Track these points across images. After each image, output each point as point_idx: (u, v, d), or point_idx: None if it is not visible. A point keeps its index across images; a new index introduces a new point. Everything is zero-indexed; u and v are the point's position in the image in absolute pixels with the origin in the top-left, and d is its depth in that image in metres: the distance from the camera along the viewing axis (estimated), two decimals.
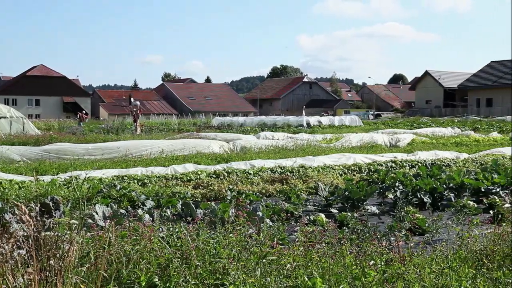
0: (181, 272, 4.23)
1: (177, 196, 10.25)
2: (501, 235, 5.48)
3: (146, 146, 18.98)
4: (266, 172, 13.38)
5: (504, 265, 4.89)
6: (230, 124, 46.19)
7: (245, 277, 4.14)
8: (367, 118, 71.38)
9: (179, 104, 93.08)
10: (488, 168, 13.16)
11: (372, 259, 4.74)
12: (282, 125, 44.92)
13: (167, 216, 7.76)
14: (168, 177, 12.53)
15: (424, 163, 15.31)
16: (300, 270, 4.36)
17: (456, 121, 49.92)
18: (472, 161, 16.13)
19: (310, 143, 22.99)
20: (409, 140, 25.10)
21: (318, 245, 5.16)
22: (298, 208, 9.09)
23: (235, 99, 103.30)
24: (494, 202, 9.47)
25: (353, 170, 14.34)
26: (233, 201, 9.49)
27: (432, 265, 4.49)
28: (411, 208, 8.76)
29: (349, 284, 4.21)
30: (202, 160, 16.26)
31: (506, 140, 26.59)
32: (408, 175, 11.67)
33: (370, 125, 46.69)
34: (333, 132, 34.04)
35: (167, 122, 51.80)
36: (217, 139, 24.65)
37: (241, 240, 4.81)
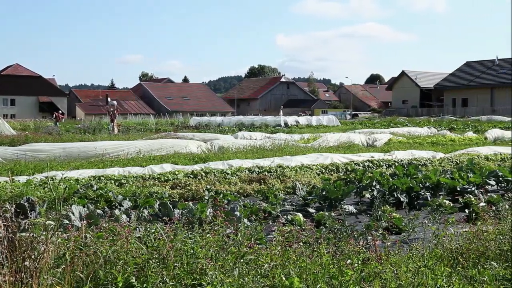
0: (158, 273, 4.21)
1: (155, 196, 10.21)
2: (476, 234, 5.53)
3: (123, 146, 18.88)
4: (244, 172, 13.38)
5: (479, 264, 4.94)
6: (208, 124, 46.09)
7: (223, 277, 4.14)
8: (344, 118, 71.69)
9: (157, 104, 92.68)
10: (463, 167, 13.30)
11: (349, 258, 4.76)
12: (260, 125, 44.93)
13: (144, 216, 7.72)
14: (146, 177, 12.48)
15: (400, 163, 15.42)
16: (278, 270, 4.36)
17: (432, 121, 50.33)
18: (448, 160, 16.28)
19: (287, 143, 23.03)
20: (386, 139, 25.25)
21: (296, 244, 5.17)
22: (276, 207, 9.10)
23: (212, 99, 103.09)
24: (469, 201, 9.57)
25: (330, 169, 14.39)
26: (211, 201, 9.49)
27: (408, 264, 4.52)
28: (388, 207, 8.82)
29: (326, 283, 4.22)
30: (179, 160, 16.22)
31: (481, 139, 26.88)
32: (385, 175, 11.74)
33: (348, 125, 46.90)
34: (310, 132, 34.12)
35: (144, 122, 51.54)
36: (194, 139, 24.60)
37: (219, 240, 4.80)
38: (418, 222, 7.55)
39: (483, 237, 5.46)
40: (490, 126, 37.40)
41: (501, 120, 48.35)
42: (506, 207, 6.68)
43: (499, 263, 4.86)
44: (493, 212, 7.87)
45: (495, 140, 27.11)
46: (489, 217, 7.12)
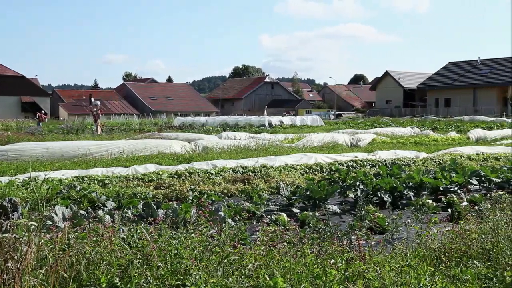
0: (142, 273, 4.20)
1: (138, 196, 10.18)
2: (458, 233, 5.57)
3: (107, 146, 18.78)
4: (228, 172, 13.37)
5: (462, 263, 4.97)
6: (192, 124, 46.00)
7: (207, 277, 4.14)
8: (328, 118, 71.86)
9: (141, 104, 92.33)
10: (446, 167, 13.38)
11: (333, 258, 4.77)
12: (244, 125, 44.91)
13: (128, 217, 7.69)
14: (129, 178, 12.43)
15: (384, 163, 15.49)
16: (262, 270, 4.37)
17: (415, 121, 50.61)
18: (431, 160, 16.37)
19: (272, 143, 23.05)
20: (369, 139, 25.35)
21: (280, 244, 5.17)
22: (260, 208, 9.10)
23: (197, 99, 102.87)
24: (452, 200, 9.63)
25: (314, 169, 14.42)
26: (195, 201, 9.47)
27: (391, 263, 4.55)
28: (371, 207, 8.85)
29: (310, 283, 4.23)
30: (163, 161, 16.17)
31: (463, 139, 27.07)
32: (368, 175, 11.78)
33: (331, 125, 47.03)
34: (294, 132, 34.17)
35: (128, 122, 51.32)
36: (178, 139, 24.53)
37: (203, 241, 4.79)
38: (401, 221, 7.59)
39: (466, 236, 5.50)
40: (472, 126, 37.67)
41: (484, 120, 48.74)
42: (488, 206, 6.73)
43: (482, 262, 4.90)
44: (475, 212, 7.94)
45: (477, 140, 27.32)
46: (471, 216, 7.17)
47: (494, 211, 6.20)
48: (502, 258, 4.89)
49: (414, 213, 7.64)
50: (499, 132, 31.05)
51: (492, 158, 17.30)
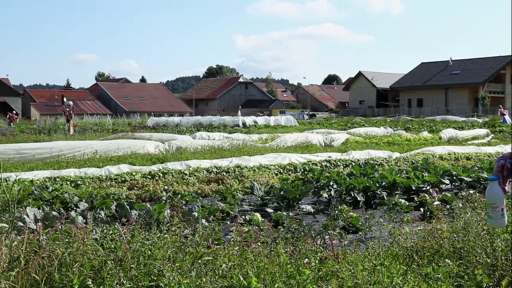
0: (115, 275, 4.17)
1: (112, 197, 10.11)
2: (430, 232, 5.62)
3: (80, 146, 18.60)
4: (202, 172, 13.34)
5: (434, 261, 5.02)
6: (166, 124, 45.81)
7: (180, 278, 4.12)
8: (302, 118, 72.09)
9: (114, 104, 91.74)
10: (419, 166, 13.50)
11: (307, 257, 4.79)
12: (218, 125, 44.86)
13: (101, 217, 7.64)
14: (102, 178, 12.34)
15: (357, 162, 15.58)
16: (236, 270, 4.36)
17: (388, 121, 51.02)
18: (403, 160, 16.50)
19: (246, 143, 23.05)
20: (343, 139, 25.48)
21: (254, 244, 5.17)
22: (234, 208, 9.10)
23: (170, 99, 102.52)
24: (424, 199, 9.72)
25: (288, 169, 14.46)
26: (169, 201, 9.43)
27: (365, 262, 4.57)
28: (345, 207, 8.90)
29: (284, 282, 4.24)
30: (137, 161, 16.08)
31: (435, 139, 27.35)
32: (342, 174, 11.84)
33: (305, 125, 47.18)
34: (268, 132, 34.21)
35: (101, 122, 50.98)
36: (152, 139, 24.40)
37: (177, 241, 4.78)
38: (374, 221, 7.64)
39: (438, 235, 5.55)
40: (444, 126, 38.09)
41: (455, 120, 49.32)
42: (460, 205, 6.81)
43: (453, 260, 4.95)
44: (447, 211, 8.02)
45: (449, 140, 27.62)
46: (443, 215, 7.24)
47: (465, 210, 6.27)
48: (473, 257, 4.95)
49: (387, 213, 7.69)
50: (470, 132, 31.43)
51: (463, 157, 17.51)
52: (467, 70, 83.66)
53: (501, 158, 3.22)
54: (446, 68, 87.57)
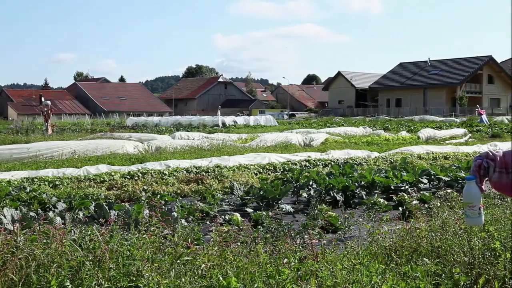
0: (93, 275, 4.14)
1: (90, 197, 10.04)
2: (409, 231, 5.66)
3: (58, 146, 18.46)
4: (182, 172, 13.31)
5: (412, 260, 5.06)
6: (145, 124, 45.63)
7: (160, 278, 4.11)
8: (281, 118, 72.19)
9: (92, 104, 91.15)
10: (397, 166, 13.58)
11: (286, 257, 4.79)
12: (198, 125, 44.77)
13: (79, 218, 7.58)
14: (81, 179, 12.25)
15: (337, 162, 15.63)
16: (215, 270, 4.36)
17: (367, 121, 51.29)
18: (382, 159, 16.59)
19: (225, 143, 23.04)
20: (322, 139, 25.56)
21: (233, 244, 5.17)
22: (213, 208, 9.09)
23: (150, 99, 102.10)
24: (403, 199, 9.78)
25: (268, 169, 14.47)
26: (148, 202, 9.39)
27: (344, 262, 4.59)
28: (324, 206, 8.92)
29: (263, 282, 4.24)
30: (116, 161, 16.00)
31: (414, 139, 27.54)
32: (321, 174, 11.88)
33: (285, 124, 47.26)
34: (248, 131, 34.22)
35: (79, 122, 50.61)
36: (131, 139, 24.30)
37: (156, 241, 4.76)
38: (353, 220, 7.68)
39: (416, 234, 5.59)
40: (422, 126, 38.36)
41: (433, 120, 49.69)
42: (438, 204, 6.87)
43: (431, 259, 4.99)
44: (425, 210, 8.09)
45: (427, 140, 27.83)
46: (421, 214, 7.29)
47: (443, 209, 6.32)
48: (451, 255, 4.99)
49: (366, 212, 7.73)
50: (448, 131, 31.70)
51: (441, 157, 17.65)
52: (445, 70, 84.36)
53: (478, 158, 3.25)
54: (424, 68, 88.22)
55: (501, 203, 7.00)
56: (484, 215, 3.90)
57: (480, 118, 45.55)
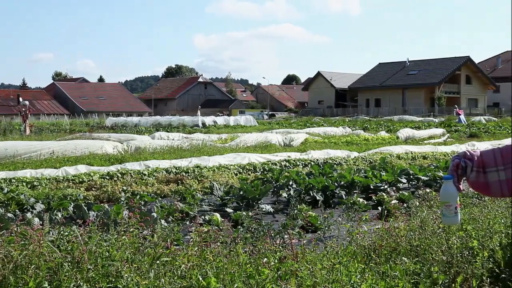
0: (72, 277, 4.11)
1: (69, 198, 9.97)
2: (388, 230, 5.69)
3: (36, 147, 18.30)
4: (161, 172, 13.26)
5: (391, 259, 5.08)
6: (124, 124, 45.39)
7: (139, 279, 4.09)
8: (261, 118, 72.19)
9: (71, 104, 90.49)
10: (377, 166, 13.66)
11: (266, 257, 4.79)
12: (178, 125, 44.64)
13: (58, 219, 7.52)
14: (59, 179, 12.16)
15: (316, 162, 15.67)
16: (195, 270, 4.34)
17: (347, 121, 51.50)
18: (362, 159, 16.67)
19: (205, 143, 22.99)
20: (302, 139, 25.62)
21: (213, 244, 5.16)
22: (193, 208, 9.07)
23: (129, 99, 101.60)
24: (382, 198, 9.83)
25: (248, 169, 14.46)
26: (127, 202, 9.35)
27: (323, 261, 4.60)
28: (304, 206, 8.94)
29: (243, 282, 4.24)
30: (95, 161, 15.90)
31: (393, 139, 27.71)
32: (301, 174, 11.90)
33: (265, 125, 47.29)
34: (228, 132, 34.19)
35: (58, 123, 50.22)
36: (110, 139, 24.14)
37: (135, 242, 4.74)
38: (333, 220, 7.70)
39: (395, 233, 5.62)
40: (401, 126, 38.60)
41: (412, 120, 50.04)
42: (416, 204, 6.91)
43: (410, 258, 5.02)
44: (404, 209, 8.14)
45: (406, 139, 28.02)
46: (400, 214, 7.34)
47: (422, 208, 6.36)
48: (429, 254, 5.02)
49: (345, 212, 7.77)
50: (427, 131, 31.94)
51: (420, 157, 17.77)
52: (424, 71, 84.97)
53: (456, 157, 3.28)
54: (403, 69, 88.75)
55: (478, 202, 7.07)
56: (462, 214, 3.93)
57: (458, 118, 45.94)
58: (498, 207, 6.38)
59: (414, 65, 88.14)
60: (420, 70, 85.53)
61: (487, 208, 6.36)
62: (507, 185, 3.13)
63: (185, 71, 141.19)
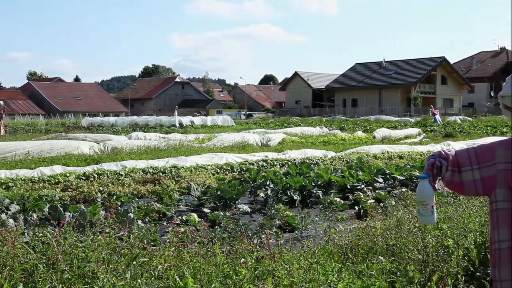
0: (47, 278, 4.08)
1: (44, 199, 9.87)
2: (364, 230, 5.73)
3: (11, 147, 18.10)
4: (138, 173, 13.19)
5: (368, 258, 5.11)
6: (101, 124, 45.09)
7: (115, 280, 4.06)
8: (239, 118, 72.18)
9: (47, 104, 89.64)
10: (353, 165, 13.72)
11: (244, 257, 4.79)
12: (155, 125, 44.43)
13: (33, 220, 7.45)
14: (35, 180, 12.04)
15: (294, 162, 15.70)
16: (172, 271, 4.33)
17: (324, 121, 51.67)
18: (339, 159, 16.73)
19: (182, 143, 22.93)
20: (279, 139, 25.65)
21: (190, 245, 5.14)
22: (170, 208, 9.04)
23: (106, 99, 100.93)
24: (359, 198, 9.88)
25: (225, 169, 14.45)
26: (104, 203, 9.29)
27: (300, 261, 4.61)
28: (281, 206, 8.95)
29: (220, 282, 4.23)
30: (71, 162, 15.77)
31: (370, 138, 27.87)
32: (278, 174, 11.92)
33: (242, 125, 47.27)
34: (205, 132, 34.13)
35: (33, 123, 49.73)
36: (87, 139, 23.98)
37: (111, 243, 4.70)
38: (310, 219, 7.72)
39: (371, 232, 5.65)
40: (378, 126, 38.83)
41: (389, 120, 50.36)
42: (393, 203, 6.95)
43: (386, 257, 5.05)
44: (380, 209, 8.18)
45: (383, 139, 28.19)
46: (377, 213, 7.39)
47: (398, 207, 6.41)
48: (405, 253, 5.06)
49: (322, 211, 7.78)
50: (403, 131, 32.16)
51: (396, 156, 17.89)
52: (400, 71, 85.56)
53: (431, 157, 3.30)
54: (379, 69, 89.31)
55: (454, 202, 7.13)
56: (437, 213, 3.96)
57: (434, 118, 46.33)
58: (473, 206, 6.44)
59: (391, 65, 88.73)
60: (397, 70, 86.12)
61: (462, 207, 6.42)
62: (481, 184, 3.16)
63: (162, 71, 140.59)
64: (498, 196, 3.10)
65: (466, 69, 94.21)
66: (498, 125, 38.29)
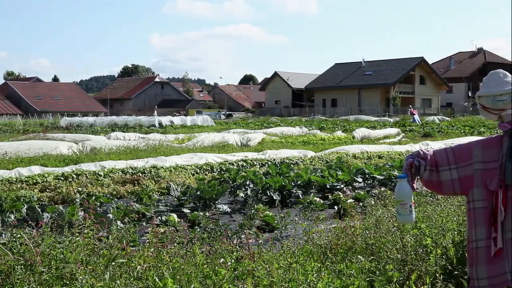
0: (25, 280, 4.04)
1: (22, 200, 9.77)
2: (344, 229, 5.75)
3: None
4: (117, 173, 13.12)
5: (347, 258, 5.13)
6: (80, 124, 44.80)
7: (94, 281, 4.03)
8: (219, 118, 72.10)
9: (25, 104, 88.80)
10: (333, 165, 13.76)
11: (223, 257, 4.79)
12: (134, 125, 44.25)
13: (10, 221, 7.38)
14: (12, 181, 11.92)
15: (273, 162, 15.72)
16: (151, 271, 4.31)
17: (303, 121, 51.80)
18: (318, 159, 16.77)
19: (162, 143, 22.86)
20: (259, 139, 25.67)
21: (170, 245, 5.13)
22: (149, 209, 9.01)
23: (84, 99, 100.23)
24: (338, 198, 9.91)
25: (205, 169, 14.42)
26: (82, 203, 9.23)
27: (280, 261, 4.61)
28: (261, 206, 8.96)
29: (200, 283, 4.22)
30: (49, 162, 15.64)
31: (349, 138, 28.00)
32: (258, 174, 11.93)
33: (222, 125, 47.24)
34: (185, 132, 34.06)
35: (11, 123, 49.27)
36: (65, 140, 23.83)
37: (90, 244, 4.67)
38: (290, 219, 7.74)
39: (351, 232, 5.68)
40: (357, 126, 39.02)
41: (368, 120, 50.60)
42: (372, 202, 6.99)
43: (365, 256, 5.08)
44: (360, 208, 8.22)
45: (362, 139, 28.33)
46: (356, 213, 7.42)
47: (377, 207, 6.44)
48: (384, 252, 5.09)
49: (302, 211, 7.80)
50: (382, 131, 32.35)
51: (375, 156, 17.98)
52: (379, 71, 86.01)
53: (410, 157, 3.33)
54: (359, 69, 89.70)
55: (432, 201, 7.18)
56: (416, 212, 3.99)
57: (412, 118, 46.65)
58: (451, 206, 6.50)
59: (370, 66, 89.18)
60: (376, 71, 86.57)
61: (440, 207, 6.47)
62: (459, 184, 3.19)
63: (142, 71, 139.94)
64: (475, 196, 3.13)
65: (444, 69, 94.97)
66: (476, 125, 38.68)
